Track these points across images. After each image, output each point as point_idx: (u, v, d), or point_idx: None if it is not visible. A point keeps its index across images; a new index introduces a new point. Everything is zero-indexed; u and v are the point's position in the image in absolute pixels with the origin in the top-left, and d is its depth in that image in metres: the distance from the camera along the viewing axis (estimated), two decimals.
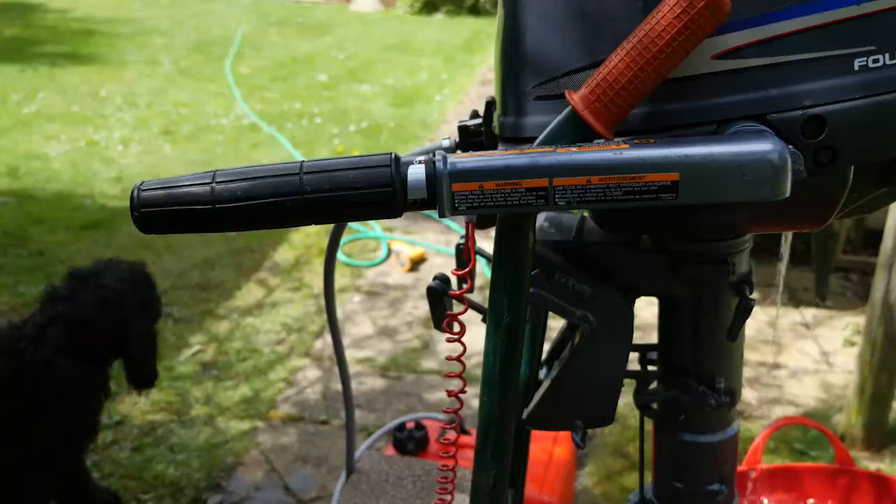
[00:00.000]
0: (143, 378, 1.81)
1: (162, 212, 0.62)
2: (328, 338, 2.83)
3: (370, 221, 3.66)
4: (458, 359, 0.68)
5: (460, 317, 0.70)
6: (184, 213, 0.61)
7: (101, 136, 5.18)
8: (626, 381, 0.81)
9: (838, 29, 0.56)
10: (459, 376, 0.69)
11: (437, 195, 0.57)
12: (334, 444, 2.28)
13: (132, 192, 0.62)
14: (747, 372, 2.59)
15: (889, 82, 0.56)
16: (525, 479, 1.09)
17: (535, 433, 1.11)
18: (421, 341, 2.84)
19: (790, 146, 0.54)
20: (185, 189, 0.61)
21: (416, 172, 0.58)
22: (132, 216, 0.62)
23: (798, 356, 2.74)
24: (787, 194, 0.53)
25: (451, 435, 0.74)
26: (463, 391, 0.70)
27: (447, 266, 3.40)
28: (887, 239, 2.07)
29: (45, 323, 1.66)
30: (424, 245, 3.60)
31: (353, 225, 3.66)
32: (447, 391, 0.71)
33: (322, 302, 3.08)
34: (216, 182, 0.61)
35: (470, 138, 0.80)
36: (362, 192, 0.59)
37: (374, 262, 3.49)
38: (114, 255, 1.91)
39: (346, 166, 0.60)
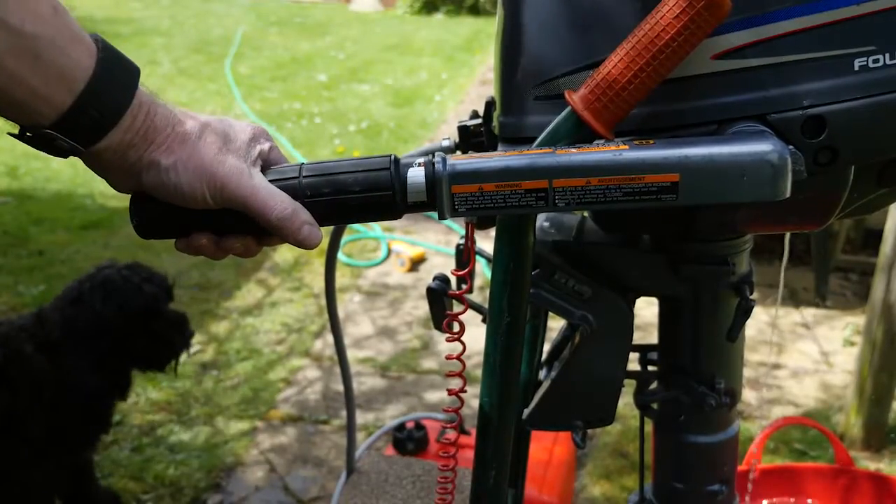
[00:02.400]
0: (76, 393, 1.69)
1: (159, 226, 0.62)
2: (328, 338, 2.82)
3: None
4: (459, 357, 0.68)
5: (460, 317, 0.70)
6: (182, 218, 0.61)
7: None
8: (626, 381, 0.81)
9: (838, 29, 0.56)
10: (460, 375, 0.69)
11: (437, 197, 0.57)
12: (334, 444, 2.28)
13: (129, 204, 0.62)
14: (747, 372, 2.58)
15: (889, 82, 0.56)
16: (525, 479, 1.10)
17: (535, 433, 1.11)
18: (421, 341, 2.84)
19: (790, 146, 0.54)
20: None
21: (416, 175, 0.58)
22: (132, 222, 0.62)
23: (798, 356, 2.74)
24: (788, 195, 0.53)
25: (452, 435, 0.74)
26: (463, 390, 0.70)
27: (447, 266, 3.39)
28: (887, 240, 2.07)
29: (30, 316, 1.67)
30: (424, 245, 3.60)
31: (353, 225, 3.66)
32: (448, 390, 0.71)
33: (322, 302, 3.08)
34: None
35: (470, 139, 0.80)
36: (362, 196, 0.59)
37: (374, 262, 3.49)
38: (113, 257, 1.87)
39: (346, 169, 0.60)
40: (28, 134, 0.54)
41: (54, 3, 0.52)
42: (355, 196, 0.59)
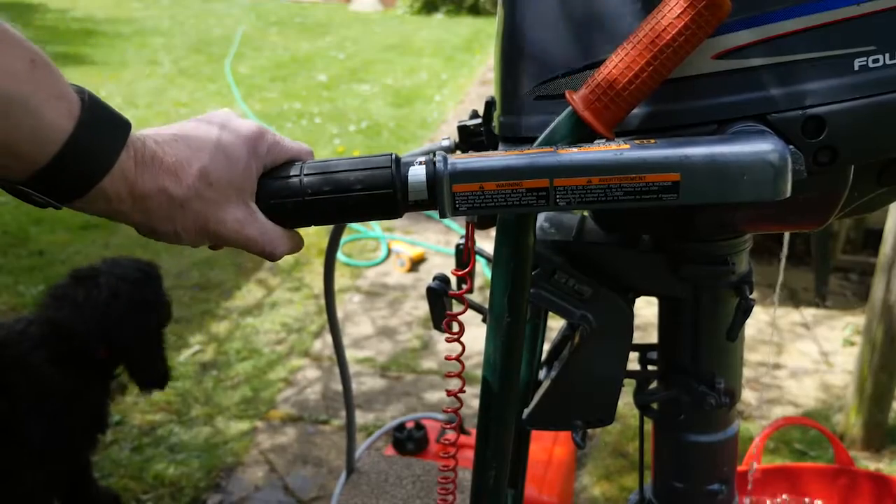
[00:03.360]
0: (149, 380, 1.80)
1: None
2: (327, 338, 2.82)
3: (370, 221, 3.65)
4: (458, 358, 0.68)
5: (460, 317, 0.70)
6: None
7: None
8: (626, 380, 0.81)
9: (838, 29, 0.56)
10: (459, 376, 0.69)
11: (438, 196, 0.57)
12: (334, 443, 2.28)
13: None
14: (747, 372, 2.58)
15: (889, 82, 0.56)
16: (525, 479, 1.10)
17: (535, 433, 1.11)
18: (420, 341, 2.84)
19: (790, 146, 0.54)
20: None
21: (417, 174, 0.58)
22: None
23: (798, 356, 2.74)
24: (788, 194, 0.53)
25: (452, 435, 0.74)
26: (462, 391, 0.70)
27: (447, 266, 3.39)
28: (887, 240, 2.07)
29: (29, 322, 1.66)
30: (424, 245, 3.60)
31: (352, 225, 3.66)
32: (447, 391, 0.71)
33: (321, 302, 3.08)
34: None
35: (470, 138, 0.80)
36: (363, 194, 0.59)
37: (373, 262, 3.49)
38: (115, 255, 1.88)
39: (347, 168, 0.60)
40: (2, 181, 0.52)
41: (34, 56, 0.49)
42: (356, 195, 0.59)
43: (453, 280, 0.82)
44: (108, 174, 0.52)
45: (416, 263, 3.45)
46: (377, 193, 0.59)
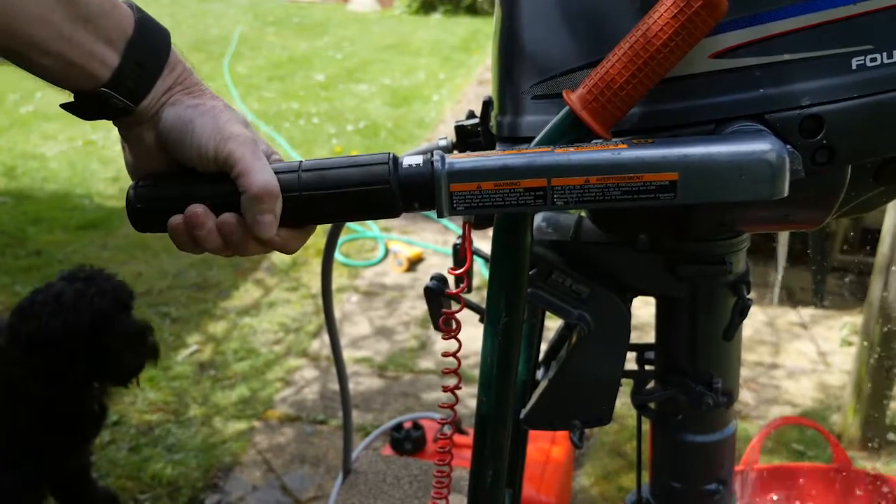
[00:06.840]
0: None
1: (157, 210, 0.62)
2: (325, 338, 2.82)
3: (368, 221, 3.65)
4: (454, 355, 0.68)
5: (458, 314, 0.70)
6: (175, 196, 0.61)
7: (99, 136, 5.17)
8: (623, 380, 0.81)
9: (835, 28, 0.56)
10: (455, 372, 0.69)
11: (436, 196, 0.57)
12: (332, 443, 2.28)
13: (128, 191, 0.62)
14: (744, 372, 2.59)
15: (886, 81, 0.56)
16: (522, 479, 1.09)
17: (532, 432, 1.11)
18: (418, 341, 2.84)
19: (788, 145, 0.54)
20: None
21: (415, 173, 0.58)
22: (127, 208, 0.62)
23: (795, 356, 2.74)
24: (786, 194, 0.53)
25: (447, 431, 0.74)
26: (458, 387, 0.70)
27: (445, 266, 3.39)
28: (885, 239, 2.07)
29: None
30: (422, 245, 3.60)
31: (350, 224, 3.66)
32: (443, 387, 0.71)
33: (319, 302, 3.08)
34: None
35: (467, 138, 0.80)
36: (361, 193, 0.59)
37: (371, 262, 3.48)
38: (113, 257, 1.84)
39: (345, 167, 0.60)
40: (86, 98, 0.59)
41: None
42: (354, 193, 0.59)
43: (451, 280, 0.82)
44: (167, 63, 0.63)
45: (413, 263, 3.45)
46: (375, 193, 0.59)
